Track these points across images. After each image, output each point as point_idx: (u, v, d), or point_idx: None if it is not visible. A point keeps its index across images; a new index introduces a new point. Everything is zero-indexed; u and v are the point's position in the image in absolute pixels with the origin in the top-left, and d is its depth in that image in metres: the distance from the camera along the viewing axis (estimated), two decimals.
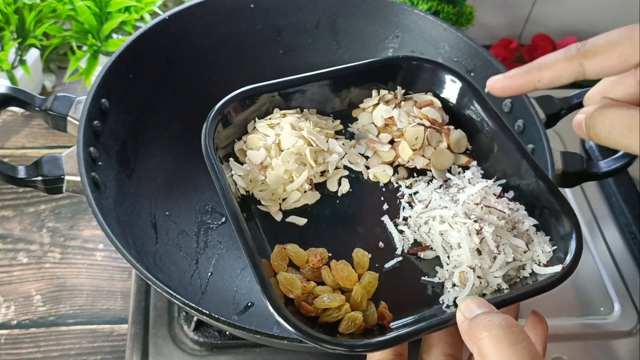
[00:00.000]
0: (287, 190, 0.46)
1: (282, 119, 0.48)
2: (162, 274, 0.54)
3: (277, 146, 0.47)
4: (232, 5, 0.64)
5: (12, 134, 0.79)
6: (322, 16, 0.66)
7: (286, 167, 0.46)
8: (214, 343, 0.57)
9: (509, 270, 0.41)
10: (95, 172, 0.50)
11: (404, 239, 0.45)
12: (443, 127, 0.50)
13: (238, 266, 0.60)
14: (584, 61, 0.36)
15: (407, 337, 0.37)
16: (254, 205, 0.46)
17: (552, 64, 0.38)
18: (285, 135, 0.47)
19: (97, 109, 0.53)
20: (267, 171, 0.47)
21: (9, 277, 0.67)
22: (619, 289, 0.67)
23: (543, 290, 0.39)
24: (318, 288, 0.40)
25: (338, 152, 0.48)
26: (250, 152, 0.47)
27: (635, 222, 0.72)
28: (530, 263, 0.42)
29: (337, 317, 0.39)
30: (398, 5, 0.65)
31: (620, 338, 0.63)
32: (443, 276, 0.42)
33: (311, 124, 0.48)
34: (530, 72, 0.39)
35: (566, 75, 0.38)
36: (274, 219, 0.46)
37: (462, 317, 0.35)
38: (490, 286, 0.40)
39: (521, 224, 0.43)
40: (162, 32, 0.60)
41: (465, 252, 0.41)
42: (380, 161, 0.49)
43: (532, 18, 0.97)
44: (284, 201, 0.46)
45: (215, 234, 0.62)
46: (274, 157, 0.46)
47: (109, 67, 0.55)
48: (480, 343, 0.32)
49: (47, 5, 0.76)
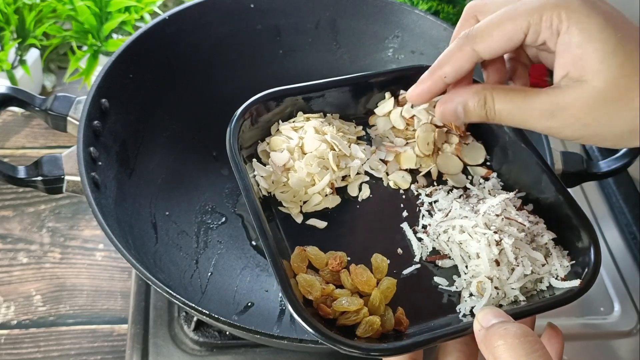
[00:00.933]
0: (309, 193, 0.47)
1: (305, 122, 0.49)
2: (162, 274, 0.54)
3: (300, 149, 0.48)
4: (232, 6, 0.64)
5: (12, 134, 0.79)
6: (322, 16, 0.66)
7: (309, 170, 0.46)
8: (214, 343, 0.57)
9: (526, 283, 0.41)
10: (95, 172, 0.50)
11: (422, 246, 0.45)
12: (464, 133, 0.50)
13: (238, 266, 0.60)
14: (475, 46, 0.38)
15: (424, 344, 0.37)
16: (275, 206, 0.46)
17: (449, 58, 0.39)
18: (308, 138, 0.47)
19: (97, 109, 0.53)
20: (290, 173, 0.47)
21: (9, 277, 0.67)
22: (619, 289, 0.67)
23: (560, 304, 0.40)
24: (337, 291, 0.40)
25: (360, 158, 0.49)
26: (273, 154, 0.47)
27: (635, 222, 0.72)
28: (548, 276, 0.42)
29: (355, 321, 0.39)
30: (398, 5, 0.65)
31: (620, 338, 0.64)
32: (460, 285, 0.42)
33: (334, 129, 0.49)
34: (434, 71, 0.40)
35: (466, 64, 0.39)
36: (295, 221, 0.46)
37: (478, 326, 0.35)
38: (508, 297, 0.41)
39: (540, 237, 0.43)
40: (162, 32, 0.60)
41: (484, 263, 0.41)
42: (399, 167, 0.50)
43: None
44: (305, 204, 0.47)
45: (215, 234, 0.62)
46: (296, 160, 0.47)
47: (109, 67, 0.55)
48: (496, 351, 0.32)
49: (47, 5, 0.76)
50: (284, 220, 0.46)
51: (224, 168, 0.67)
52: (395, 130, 0.51)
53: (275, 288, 0.59)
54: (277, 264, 0.39)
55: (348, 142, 0.49)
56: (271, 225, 0.43)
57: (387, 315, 0.40)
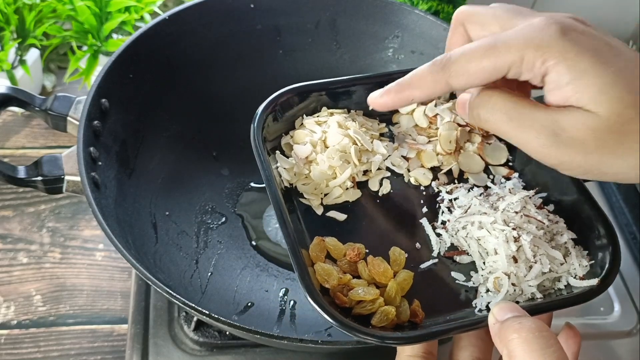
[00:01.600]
0: (330, 186, 0.47)
1: (329, 117, 0.50)
2: (162, 274, 0.54)
3: (323, 143, 0.48)
4: (232, 5, 0.64)
5: (12, 134, 0.80)
6: (322, 16, 0.66)
7: (330, 163, 0.47)
8: (214, 343, 0.57)
9: (544, 281, 0.41)
10: (95, 172, 0.50)
11: (440, 242, 0.45)
12: (487, 133, 0.50)
13: (238, 266, 0.60)
14: (449, 80, 0.36)
15: (439, 335, 0.38)
16: (297, 198, 0.47)
17: (421, 84, 0.38)
18: (331, 132, 0.48)
19: (97, 109, 0.53)
20: (312, 166, 0.48)
21: (9, 277, 0.67)
22: (619, 289, 0.67)
23: (577, 301, 0.39)
24: (354, 281, 0.41)
25: (382, 153, 0.49)
26: (296, 147, 0.48)
27: (635, 222, 0.72)
28: (566, 275, 0.42)
29: (371, 310, 0.39)
30: (398, 5, 0.65)
31: (620, 338, 0.64)
32: (477, 281, 0.43)
33: (357, 124, 0.49)
34: (403, 89, 0.39)
35: (437, 93, 0.38)
36: (315, 212, 0.47)
37: (493, 320, 0.35)
38: (524, 294, 0.41)
39: (560, 236, 0.43)
40: (162, 32, 0.60)
41: (501, 259, 0.41)
42: (420, 164, 0.50)
43: None
44: (325, 196, 0.47)
45: (215, 234, 0.62)
46: (319, 153, 0.48)
47: (109, 67, 0.55)
48: (510, 345, 0.32)
49: (47, 5, 0.76)
50: (305, 211, 0.46)
51: (224, 168, 0.67)
52: (418, 128, 0.52)
53: (275, 288, 0.59)
54: (296, 251, 0.39)
55: (370, 138, 0.50)
56: (292, 217, 0.44)
57: (403, 306, 0.40)
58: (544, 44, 0.34)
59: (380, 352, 0.58)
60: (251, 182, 0.67)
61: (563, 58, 0.33)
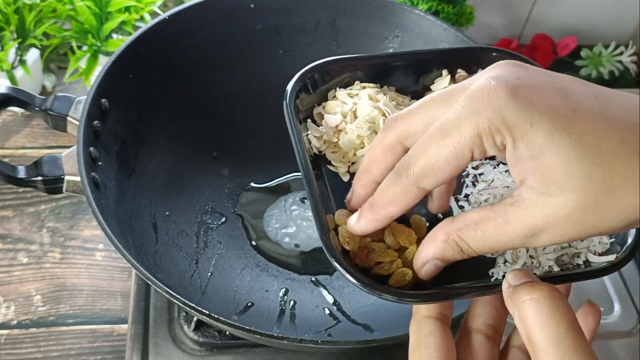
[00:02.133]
0: (357, 155, 0.48)
1: (361, 90, 0.50)
2: (162, 274, 0.54)
3: (353, 113, 0.49)
4: (232, 6, 0.64)
5: (12, 134, 0.80)
6: (322, 16, 0.66)
7: (359, 133, 0.48)
8: (214, 343, 0.57)
9: (562, 256, 0.42)
10: (95, 172, 0.50)
11: (462, 213, 0.45)
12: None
13: (238, 266, 0.60)
14: (419, 185, 0.35)
15: (455, 296, 0.38)
16: (325, 165, 0.48)
17: (393, 199, 0.37)
18: (362, 104, 0.49)
19: (97, 109, 0.53)
20: (341, 135, 0.49)
21: (9, 277, 0.67)
22: (618, 289, 0.67)
23: (594, 275, 0.40)
24: (374, 244, 0.42)
25: None
26: (327, 116, 0.49)
27: None
28: (585, 252, 0.42)
29: (389, 271, 0.40)
30: (398, 5, 0.65)
31: (620, 338, 0.64)
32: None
33: (388, 98, 0.50)
34: (378, 210, 0.38)
35: (413, 202, 0.36)
36: (342, 179, 0.47)
37: (507, 285, 0.35)
38: (542, 267, 0.41)
39: None
40: (162, 32, 0.60)
41: None
42: None
43: (532, 18, 0.97)
44: (352, 164, 0.48)
45: (215, 234, 0.62)
46: (348, 123, 0.49)
47: (109, 67, 0.55)
48: (522, 307, 0.33)
49: (47, 5, 0.76)
50: (332, 178, 0.47)
51: (224, 168, 0.67)
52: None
53: (275, 288, 0.59)
54: (319, 211, 0.40)
55: None
56: (319, 183, 0.45)
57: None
58: (495, 118, 0.31)
59: (380, 352, 0.58)
60: (251, 182, 0.67)
61: (519, 130, 0.30)
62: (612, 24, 0.99)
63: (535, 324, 0.32)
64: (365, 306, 0.58)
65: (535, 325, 0.32)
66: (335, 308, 0.58)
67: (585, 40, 0.98)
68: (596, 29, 0.99)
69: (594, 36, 0.98)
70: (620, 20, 0.99)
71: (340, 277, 0.60)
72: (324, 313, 0.58)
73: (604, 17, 0.98)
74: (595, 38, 0.98)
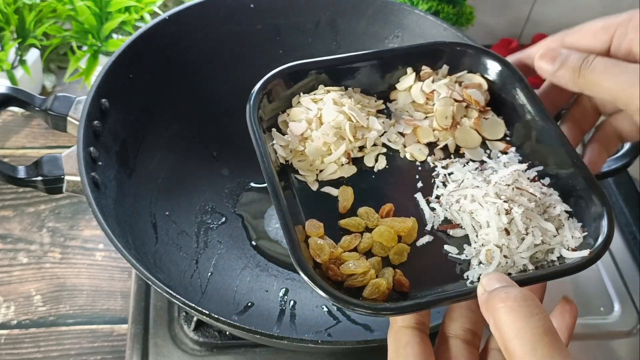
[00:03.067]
0: (325, 162, 0.48)
1: (325, 94, 0.50)
2: (162, 274, 0.54)
3: (319, 119, 0.49)
4: (232, 6, 0.64)
5: (12, 134, 0.80)
6: (322, 16, 0.66)
7: (325, 140, 0.47)
8: (214, 343, 0.57)
9: (536, 253, 0.42)
10: (95, 172, 0.50)
11: (435, 216, 0.45)
12: (484, 108, 0.50)
13: (238, 266, 0.60)
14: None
15: (430, 305, 0.38)
16: (292, 174, 0.47)
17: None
18: (326, 109, 0.48)
19: (97, 109, 0.53)
20: (307, 142, 0.48)
21: (9, 277, 0.67)
22: (618, 289, 0.67)
23: (567, 273, 0.40)
24: (345, 254, 0.41)
25: (377, 129, 0.50)
26: (292, 124, 0.49)
27: (635, 222, 0.72)
28: (559, 247, 0.42)
29: (362, 283, 0.40)
30: (398, 5, 0.65)
31: (620, 338, 0.64)
32: (470, 254, 0.43)
33: (353, 101, 0.50)
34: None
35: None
36: (310, 188, 0.47)
37: (482, 290, 0.36)
38: (517, 266, 0.41)
39: (553, 208, 0.43)
40: (162, 32, 0.60)
41: (493, 231, 0.41)
42: (416, 140, 0.50)
43: (532, 18, 0.97)
44: (321, 172, 0.48)
45: (215, 234, 0.62)
46: (314, 130, 0.48)
47: (109, 67, 0.55)
48: (496, 314, 0.33)
49: (47, 5, 0.76)
50: (300, 187, 0.47)
51: (224, 168, 0.67)
52: (415, 105, 0.52)
53: (275, 288, 0.59)
54: (288, 225, 0.40)
55: (367, 115, 0.50)
56: (287, 193, 0.44)
57: (387, 274, 0.41)
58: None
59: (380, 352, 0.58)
60: (251, 182, 0.67)
61: None
62: None
63: (510, 332, 0.32)
64: None
65: (511, 333, 0.32)
66: (335, 308, 0.58)
67: None
68: None
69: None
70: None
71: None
72: (323, 313, 0.58)
73: (603, 17, 0.98)
74: None
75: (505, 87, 0.50)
